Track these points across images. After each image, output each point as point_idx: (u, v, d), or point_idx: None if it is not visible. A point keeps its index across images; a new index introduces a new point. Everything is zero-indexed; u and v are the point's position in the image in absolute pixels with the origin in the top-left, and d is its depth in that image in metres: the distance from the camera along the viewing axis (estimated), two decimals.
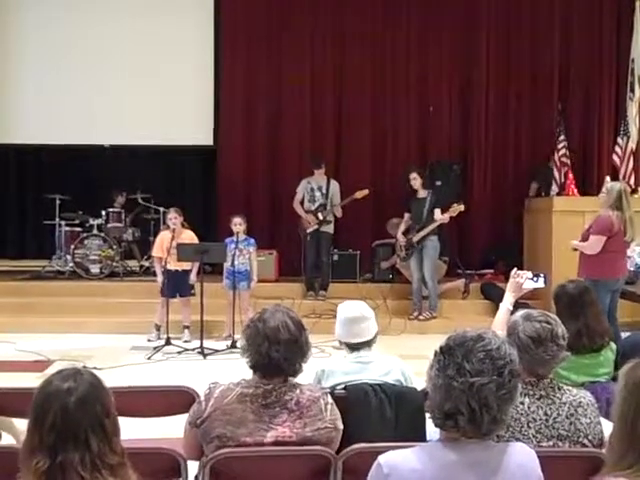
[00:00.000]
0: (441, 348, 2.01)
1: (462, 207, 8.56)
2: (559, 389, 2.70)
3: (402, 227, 9.00)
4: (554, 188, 9.68)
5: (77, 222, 10.11)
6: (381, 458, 2.01)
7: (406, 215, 8.99)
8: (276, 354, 2.65)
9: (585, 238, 6.54)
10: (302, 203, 9.40)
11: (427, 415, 2.53)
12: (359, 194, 9.25)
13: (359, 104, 10.56)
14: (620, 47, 10.27)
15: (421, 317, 8.71)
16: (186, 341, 7.84)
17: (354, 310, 3.41)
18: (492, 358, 1.95)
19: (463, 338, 1.98)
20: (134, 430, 3.12)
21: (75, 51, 10.44)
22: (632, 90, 9.57)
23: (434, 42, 10.57)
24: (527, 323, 2.75)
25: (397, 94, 10.66)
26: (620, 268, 6.52)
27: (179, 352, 7.40)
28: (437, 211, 8.63)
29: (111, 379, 2.39)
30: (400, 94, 10.66)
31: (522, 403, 2.64)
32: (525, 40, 10.50)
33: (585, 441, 2.64)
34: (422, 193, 8.83)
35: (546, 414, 2.64)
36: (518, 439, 2.56)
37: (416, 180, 8.82)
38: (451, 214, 8.55)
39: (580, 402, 2.68)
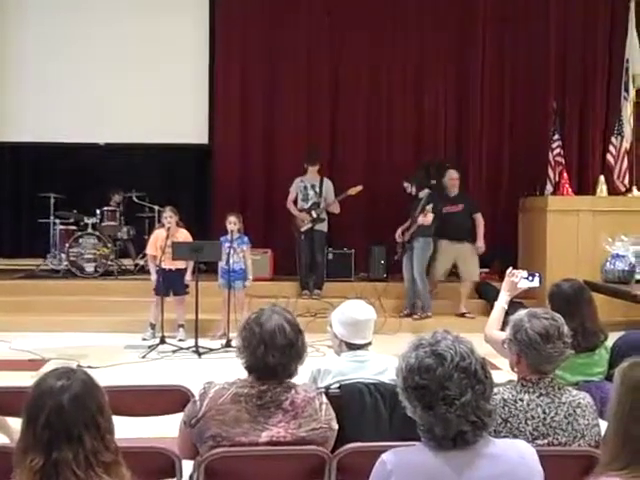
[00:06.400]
0: (413, 387, 1.97)
1: (429, 210, 8.57)
2: (559, 389, 2.71)
3: (403, 226, 9.01)
4: (549, 187, 9.71)
5: (72, 221, 10.10)
6: (384, 455, 2.01)
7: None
8: (272, 359, 2.64)
9: None
10: (296, 202, 9.41)
11: None
12: (353, 190, 9.26)
13: (355, 103, 10.56)
14: (614, 46, 10.28)
15: (415, 316, 8.72)
16: (181, 340, 7.83)
17: (363, 312, 3.37)
18: (465, 370, 1.95)
19: (429, 371, 1.95)
20: (129, 429, 3.11)
21: (71, 50, 10.41)
22: (626, 90, 9.59)
23: (430, 41, 10.56)
24: (534, 320, 2.75)
25: (392, 94, 10.66)
26: None
27: (174, 351, 7.40)
28: (427, 208, 8.65)
29: (106, 378, 2.39)
30: (395, 94, 10.66)
31: (521, 400, 2.65)
32: (520, 39, 10.50)
33: (582, 442, 2.65)
34: (421, 194, 8.85)
35: (544, 412, 2.64)
36: (515, 435, 2.57)
37: (408, 188, 8.95)
38: (426, 215, 8.56)
39: (579, 403, 2.69)
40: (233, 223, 7.95)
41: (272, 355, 2.63)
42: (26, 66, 10.50)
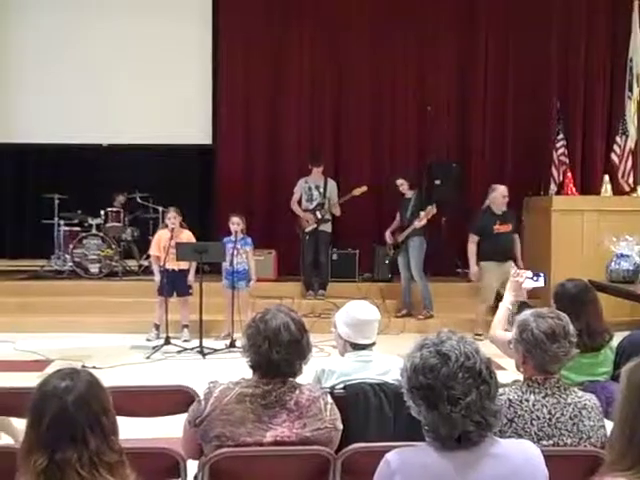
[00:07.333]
0: (417, 387, 1.98)
1: (434, 210, 8.59)
2: (565, 389, 2.70)
3: (391, 227, 9.04)
4: (553, 187, 9.69)
5: (76, 222, 10.11)
6: (389, 455, 2.01)
7: (398, 215, 9.06)
8: (276, 356, 2.64)
9: None
10: (300, 203, 9.41)
11: None
12: (357, 191, 9.27)
13: (358, 103, 10.56)
14: (617, 45, 10.25)
15: (420, 317, 8.73)
16: (185, 340, 7.84)
17: (368, 313, 3.38)
18: (469, 370, 1.95)
19: (433, 370, 1.96)
20: (133, 430, 3.11)
21: (74, 51, 10.42)
22: (630, 89, 9.56)
23: (433, 42, 10.56)
24: (540, 320, 2.74)
25: (396, 94, 10.66)
26: None
27: (178, 351, 7.40)
28: (422, 213, 8.66)
29: (110, 378, 2.39)
30: (399, 94, 10.66)
31: (527, 400, 2.64)
32: (523, 40, 10.47)
33: (587, 444, 2.64)
34: (408, 194, 8.93)
35: (550, 413, 2.63)
36: (520, 436, 2.56)
37: (403, 185, 8.95)
38: (425, 218, 8.57)
39: (585, 404, 2.68)
40: (236, 224, 7.95)
41: (276, 351, 2.64)
42: (28, 67, 10.51)
